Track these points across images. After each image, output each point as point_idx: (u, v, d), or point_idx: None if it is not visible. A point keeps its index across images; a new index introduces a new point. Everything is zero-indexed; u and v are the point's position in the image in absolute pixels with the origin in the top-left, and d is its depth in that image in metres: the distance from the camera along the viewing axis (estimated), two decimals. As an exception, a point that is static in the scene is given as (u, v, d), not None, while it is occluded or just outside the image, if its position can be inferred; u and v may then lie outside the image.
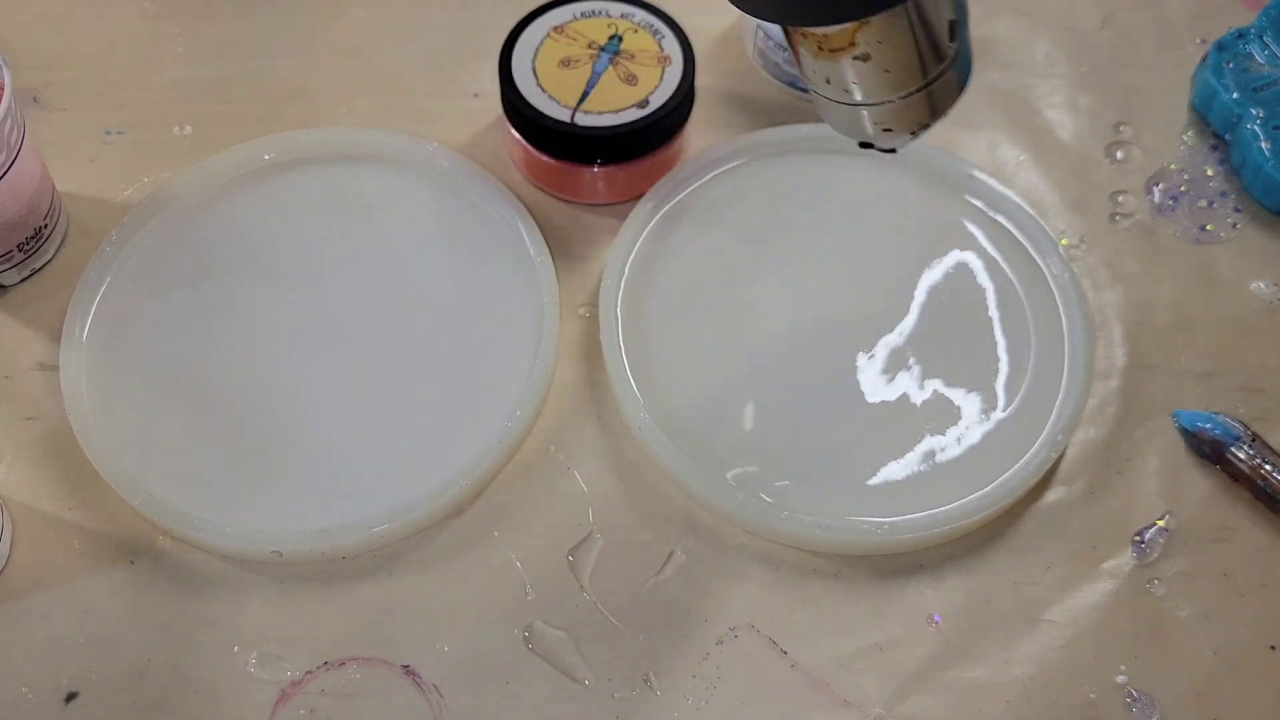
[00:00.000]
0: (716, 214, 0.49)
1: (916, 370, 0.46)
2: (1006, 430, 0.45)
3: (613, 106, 0.47)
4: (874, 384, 0.46)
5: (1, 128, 0.44)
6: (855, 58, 0.35)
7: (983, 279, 0.48)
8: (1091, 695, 0.41)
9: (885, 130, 0.37)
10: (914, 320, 0.47)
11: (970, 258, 0.49)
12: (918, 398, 0.46)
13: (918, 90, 0.36)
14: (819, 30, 0.34)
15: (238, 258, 0.49)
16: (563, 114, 0.47)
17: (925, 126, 0.38)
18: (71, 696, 0.41)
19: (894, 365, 0.46)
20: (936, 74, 0.36)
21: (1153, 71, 0.54)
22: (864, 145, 0.39)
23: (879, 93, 0.36)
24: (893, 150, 0.40)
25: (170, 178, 0.50)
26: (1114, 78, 0.54)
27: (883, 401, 0.46)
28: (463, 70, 0.54)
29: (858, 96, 0.36)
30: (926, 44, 0.35)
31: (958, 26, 0.35)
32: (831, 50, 0.35)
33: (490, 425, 0.45)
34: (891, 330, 0.47)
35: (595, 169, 0.48)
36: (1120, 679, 0.42)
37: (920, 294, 0.48)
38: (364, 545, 0.43)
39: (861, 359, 0.46)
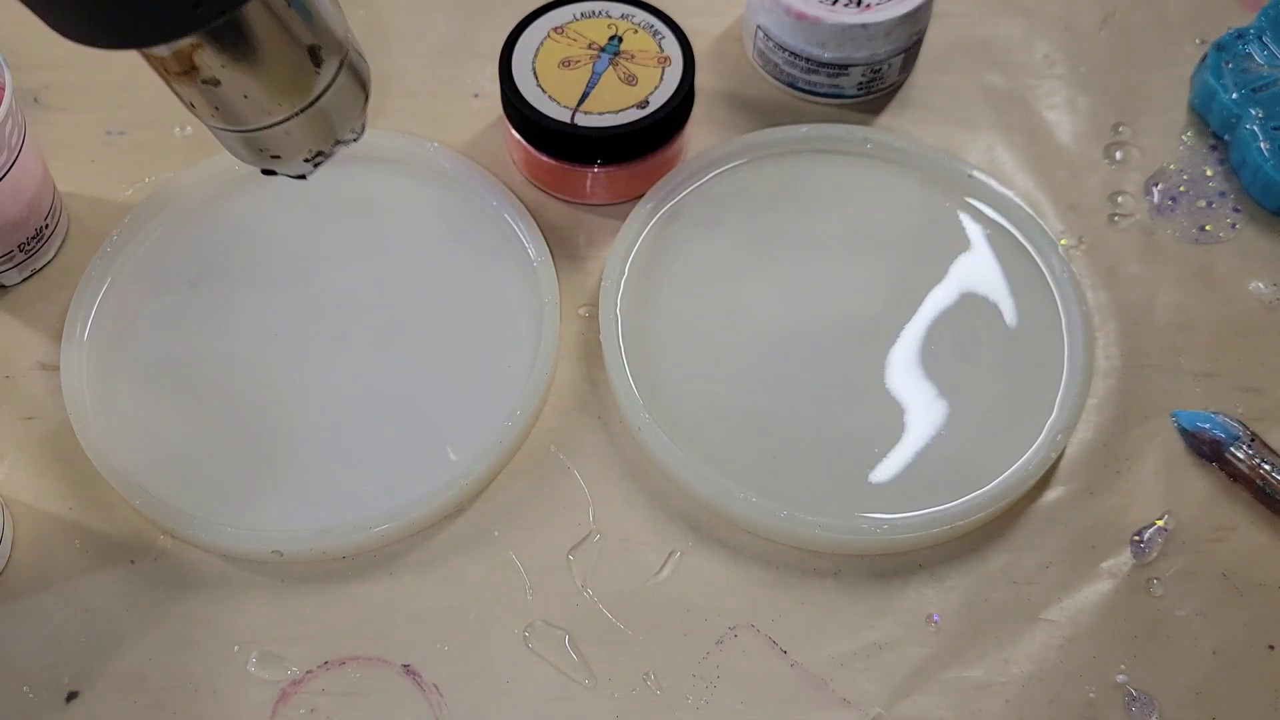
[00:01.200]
0: (716, 214, 0.50)
1: (915, 370, 0.46)
2: (1006, 430, 0.45)
3: (613, 107, 0.47)
4: (873, 383, 0.46)
5: (2, 128, 0.44)
6: (205, 82, 0.32)
7: (982, 279, 0.48)
8: (1091, 694, 0.41)
9: (274, 157, 0.36)
10: (913, 320, 0.47)
11: (969, 258, 0.49)
12: (917, 397, 0.46)
13: (288, 119, 0.34)
14: (150, 52, 0.31)
15: (238, 258, 0.49)
16: (563, 114, 0.47)
17: (321, 154, 0.36)
18: (72, 696, 0.41)
19: (893, 365, 0.46)
20: (306, 103, 0.34)
21: (1152, 72, 0.54)
22: (267, 172, 0.37)
23: (245, 119, 0.34)
24: (302, 177, 0.37)
25: (171, 178, 0.50)
26: (1113, 78, 0.54)
27: (882, 401, 0.46)
28: (463, 71, 0.54)
29: (225, 122, 0.34)
30: (285, 71, 0.33)
31: (322, 51, 0.33)
32: (177, 74, 0.32)
33: (490, 425, 0.45)
34: (890, 330, 0.47)
35: (595, 169, 0.48)
36: (1119, 678, 0.42)
37: (919, 294, 0.48)
38: (364, 545, 0.43)
39: (861, 359, 0.46)
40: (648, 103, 0.47)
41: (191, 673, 0.42)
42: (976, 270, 0.48)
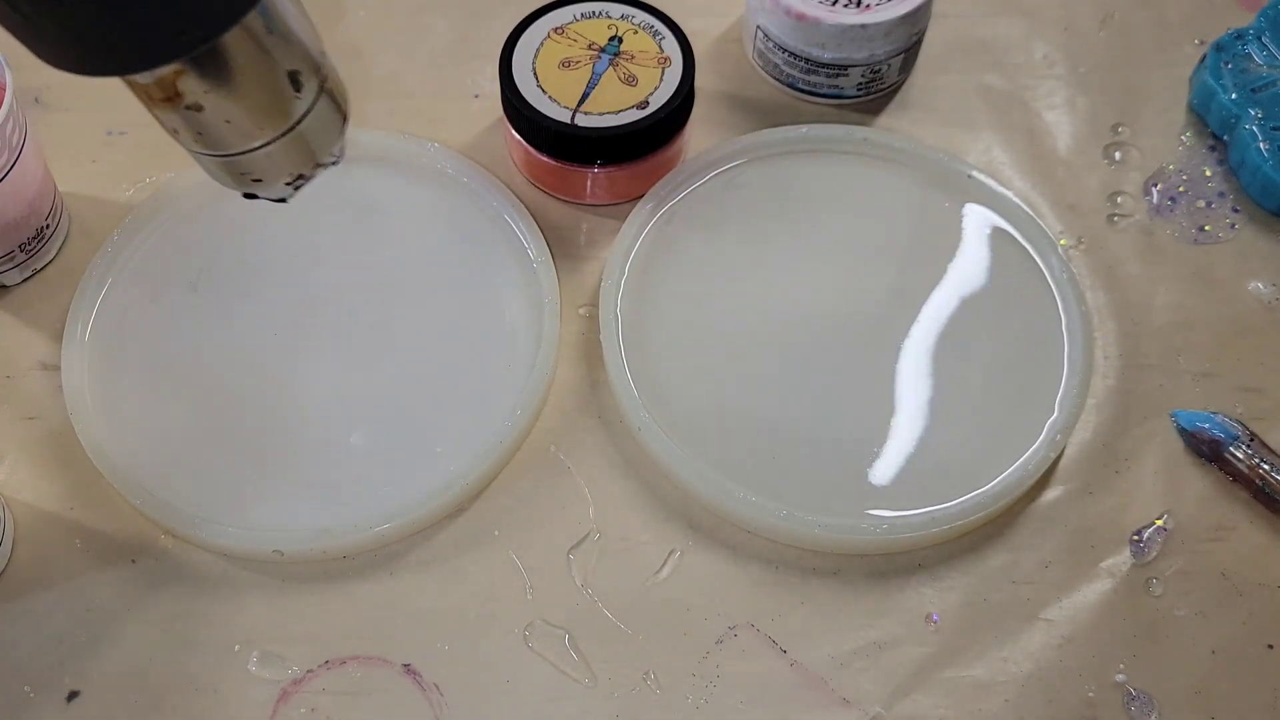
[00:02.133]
0: (716, 214, 0.50)
1: (915, 370, 0.46)
2: (1005, 430, 0.45)
3: (613, 107, 0.47)
4: (873, 384, 0.46)
5: (4, 128, 0.44)
6: (188, 108, 0.33)
7: (981, 279, 0.48)
8: (1090, 694, 0.41)
9: (255, 180, 0.36)
10: (913, 320, 0.47)
11: (969, 258, 0.49)
12: (916, 397, 0.46)
13: (270, 143, 0.35)
14: (133, 79, 0.32)
15: (239, 258, 0.49)
16: (563, 115, 0.47)
17: (302, 177, 0.37)
18: (73, 695, 0.41)
19: (893, 365, 0.46)
20: (288, 127, 0.35)
21: (1151, 72, 0.54)
22: (248, 195, 0.37)
23: (227, 144, 0.34)
24: (282, 200, 0.38)
25: (172, 178, 0.50)
26: (1112, 78, 0.54)
27: (881, 401, 0.46)
28: (463, 71, 0.54)
29: (207, 147, 0.35)
30: (266, 95, 0.34)
31: (302, 76, 0.34)
32: (160, 100, 0.33)
33: (490, 425, 0.45)
34: (890, 330, 0.47)
35: (595, 170, 0.48)
36: (1119, 677, 0.42)
37: (919, 294, 0.48)
38: (365, 545, 0.43)
39: (860, 359, 0.46)
40: (648, 103, 0.47)
41: (192, 672, 0.42)
42: (976, 270, 0.48)
